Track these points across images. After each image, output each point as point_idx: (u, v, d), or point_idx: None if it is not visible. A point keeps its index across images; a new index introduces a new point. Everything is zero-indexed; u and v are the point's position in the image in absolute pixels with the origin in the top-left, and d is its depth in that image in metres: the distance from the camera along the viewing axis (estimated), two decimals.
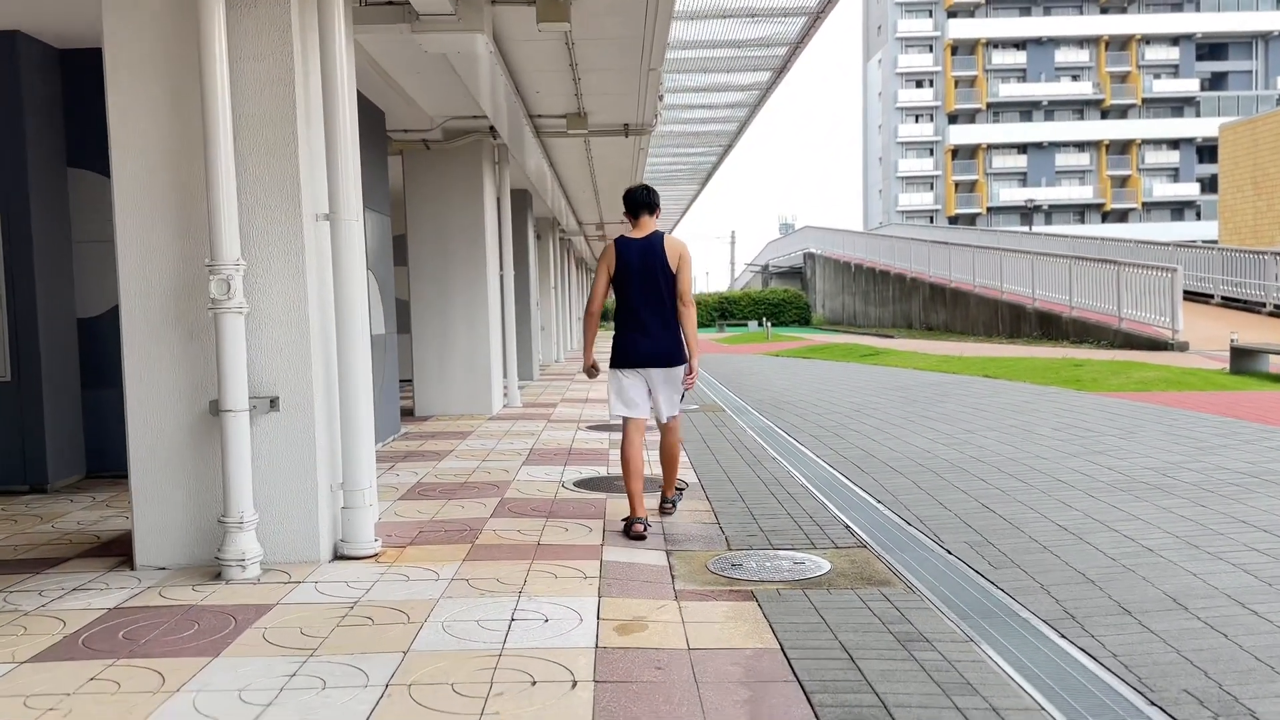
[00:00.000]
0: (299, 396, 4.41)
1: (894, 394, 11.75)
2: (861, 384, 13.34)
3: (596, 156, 12.16)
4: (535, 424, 9.52)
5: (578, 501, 5.72)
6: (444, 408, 10.36)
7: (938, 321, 30.02)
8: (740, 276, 74.61)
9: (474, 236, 10.29)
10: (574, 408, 11.03)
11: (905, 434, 8.40)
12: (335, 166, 4.44)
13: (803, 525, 5.15)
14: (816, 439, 8.30)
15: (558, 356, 20.64)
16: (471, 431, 9.00)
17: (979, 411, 9.71)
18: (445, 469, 6.94)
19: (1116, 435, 7.86)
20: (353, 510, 4.51)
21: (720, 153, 16.14)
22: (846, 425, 9.12)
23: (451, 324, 10.31)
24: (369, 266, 7.85)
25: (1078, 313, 21.36)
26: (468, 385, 10.35)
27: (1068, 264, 22.02)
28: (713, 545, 4.75)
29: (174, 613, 3.73)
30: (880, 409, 10.32)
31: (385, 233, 8.53)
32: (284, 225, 4.38)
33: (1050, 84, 75.02)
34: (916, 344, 23.47)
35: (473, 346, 10.34)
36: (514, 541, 4.75)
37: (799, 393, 12.47)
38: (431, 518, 5.33)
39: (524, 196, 15.01)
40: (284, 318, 4.40)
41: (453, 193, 10.26)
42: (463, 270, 10.29)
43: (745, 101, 12.07)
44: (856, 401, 11.14)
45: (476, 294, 10.30)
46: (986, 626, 3.52)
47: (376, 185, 8.24)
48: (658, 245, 5.01)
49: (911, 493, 5.95)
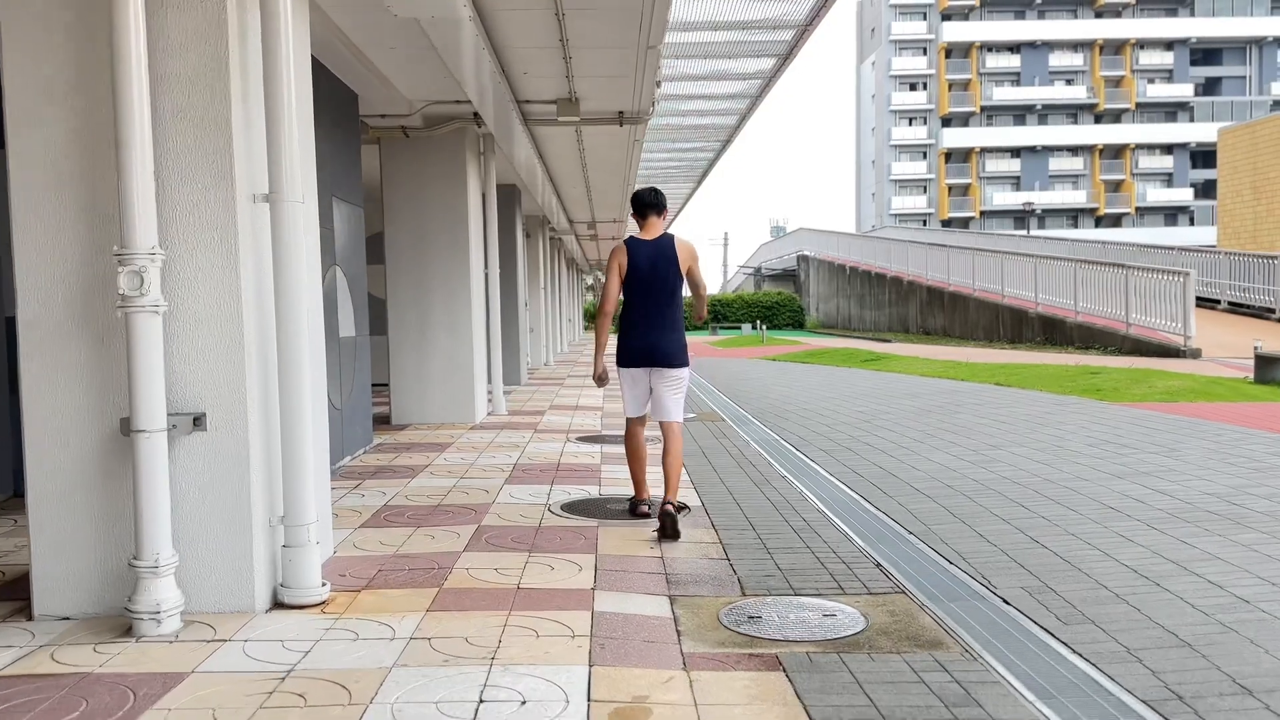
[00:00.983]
0: (230, 413, 3.67)
1: (903, 403, 11.06)
2: (867, 391, 12.64)
3: (589, 148, 11.44)
4: (521, 434, 8.79)
5: (566, 530, 5.00)
6: (423, 415, 9.61)
7: (935, 325, 29.38)
8: (732, 279, 73.97)
9: (457, 232, 9.55)
10: (563, 416, 10.30)
11: (924, 449, 7.70)
12: (277, 137, 3.71)
13: (826, 562, 4.43)
14: (827, 454, 7.60)
15: (547, 360, 19.90)
16: (451, 443, 8.26)
17: (1000, 424, 9.01)
18: (418, 488, 6.20)
19: (1158, 452, 7.17)
20: (296, 550, 3.77)
21: (718, 148, 15.44)
22: (858, 438, 8.42)
23: (431, 325, 9.57)
24: (337, 262, 7.11)
25: (1083, 318, 20.74)
26: (448, 391, 9.61)
27: (1073, 267, 21.40)
28: (724, 589, 4.04)
29: (61, 684, 2.99)
30: (891, 420, 9.62)
31: (357, 226, 7.79)
32: (214, 207, 3.64)
33: (1044, 88, 74.62)
34: (917, 349, 22.81)
35: (454, 350, 9.60)
36: (489, 584, 4.02)
37: (801, 401, 11.77)
38: (396, 550, 4.60)
39: (512, 192, 14.28)
40: (212, 318, 3.66)
41: (434, 184, 9.52)
42: (444, 268, 9.56)
43: (746, 92, 11.36)
44: (865, 411, 10.44)
45: (458, 293, 9.56)
46: (1076, 711, 2.81)
47: (348, 173, 7.51)
48: (668, 247, 5.08)
49: (945, 521, 5.24)
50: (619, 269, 5.05)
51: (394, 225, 9.53)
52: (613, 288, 5.09)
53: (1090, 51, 74.19)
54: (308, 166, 4.25)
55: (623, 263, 5.04)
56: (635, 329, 5.07)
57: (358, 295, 7.65)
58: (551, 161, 12.42)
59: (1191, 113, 75.07)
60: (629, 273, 5.04)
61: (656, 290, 5.02)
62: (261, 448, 3.76)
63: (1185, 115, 75.14)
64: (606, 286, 5.12)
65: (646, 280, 5.02)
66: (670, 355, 5.04)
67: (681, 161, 17.33)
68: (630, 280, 5.05)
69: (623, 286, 5.09)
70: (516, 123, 9.26)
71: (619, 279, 5.07)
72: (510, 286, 14.09)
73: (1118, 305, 19.48)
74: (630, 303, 5.11)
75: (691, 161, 17.29)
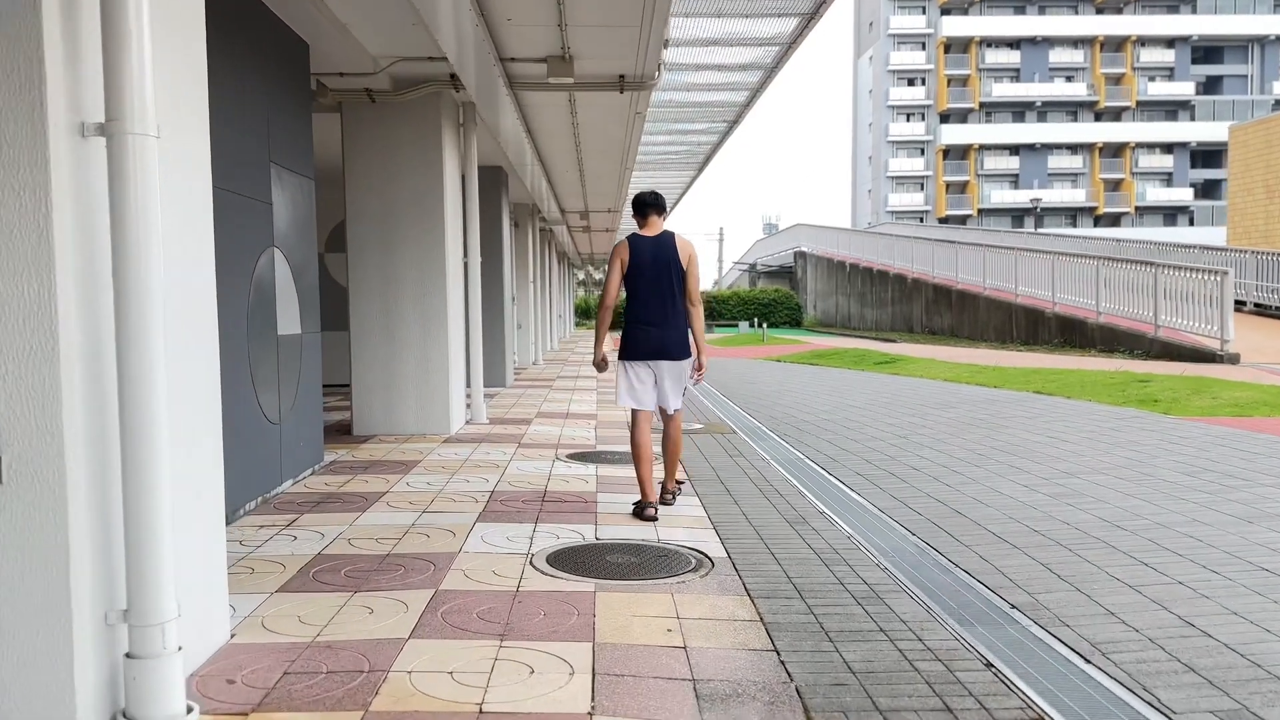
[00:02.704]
0: (37, 453, 2.40)
1: (937, 414, 9.82)
2: (891, 398, 11.40)
3: (584, 124, 10.16)
4: (502, 450, 7.52)
5: (552, 598, 3.73)
6: (390, 425, 8.32)
7: (942, 325, 28.17)
8: (727, 275, 72.76)
9: (430, 213, 8.26)
10: (552, 425, 9.03)
11: (982, 474, 6.46)
12: (117, 41, 2.43)
13: (914, 658, 3.18)
14: (867, 480, 6.35)
15: (535, 358, 18.62)
16: (419, 461, 6.98)
17: (1061, 442, 7.78)
18: (368, 527, 4.93)
19: (1276, 485, 5.94)
20: (145, 662, 2.50)
21: (723, 131, 14.16)
22: (898, 459, 7.18)
23: (400, 321, 8.29)
24: (276, 243, 5.82)
25: (1105, 319, 19.53)
26: (420, 397, 8.33)
27: (1095, 265, 20.17)
28: (779, 710, 2.78)
29: None
30: (931, 434, 8.38)
31: (306, 200, 6.51)
32: (13, 145, 2.36)
33: (1044, 84, 73.58)
34: (928, 349, 21.59)
35: (427, 349, 8.32)
36: (438, 704, 2.75)
37: (820, 409, 10.52)
38: (317, 635, 3.33)
39: (498, 175, 12.99)
40: (7, 315, 2.39)
41: (405, 157, 8.23)
42: (416, 254, 8.27)
43: (760, 62, 10.10)
44: (896, 423, 9.19)
45: (432, 285, 8.28)
46: None
47: (293, 137, 6.22)
48: (669, 243, 5.21)
49: (1053, 587, 3.99)
50: (621, 265, 5.18)
51: (358, 205, 8.24)
52: (613, 283, 5.23)
53: (1091, 48, 73.18)
54: (183, 87, 2.97)
55: (625, 258, 5.17)
56: (641, 323, 5.18)
57: (305, 284, 6.36)
58: (542, 139, 11.12)
59: (1192, 111, 74.18)
60: (632, 268, 5.16)
61: (660, 284, 5.15)
62: (91, 506, 2.48)
63: (1186, 114, 74.26)
64: (608, 281, 5.24)
65: (650, 275, 5.15)
66: (675, 348, 5.19)
67: (682, 147, 16.05)
68: (633, 275, 5.17)
69: (624, 282, 5.22)
70: (501, 87, 7.98)
71: (620, 274, 5.20)
72: (494, 279, 12.81)
73: (1145, 306, 18.27)
74: (634, 298, 5.21)
75: (693, 146, 16.01)
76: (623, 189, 16.39)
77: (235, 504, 5.08)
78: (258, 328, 5.45)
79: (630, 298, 5.22)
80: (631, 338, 5.17)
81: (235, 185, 5.14)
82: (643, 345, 5.14)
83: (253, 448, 5.36)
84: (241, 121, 5.28)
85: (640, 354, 5.15)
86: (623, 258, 5.15)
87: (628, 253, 5.15)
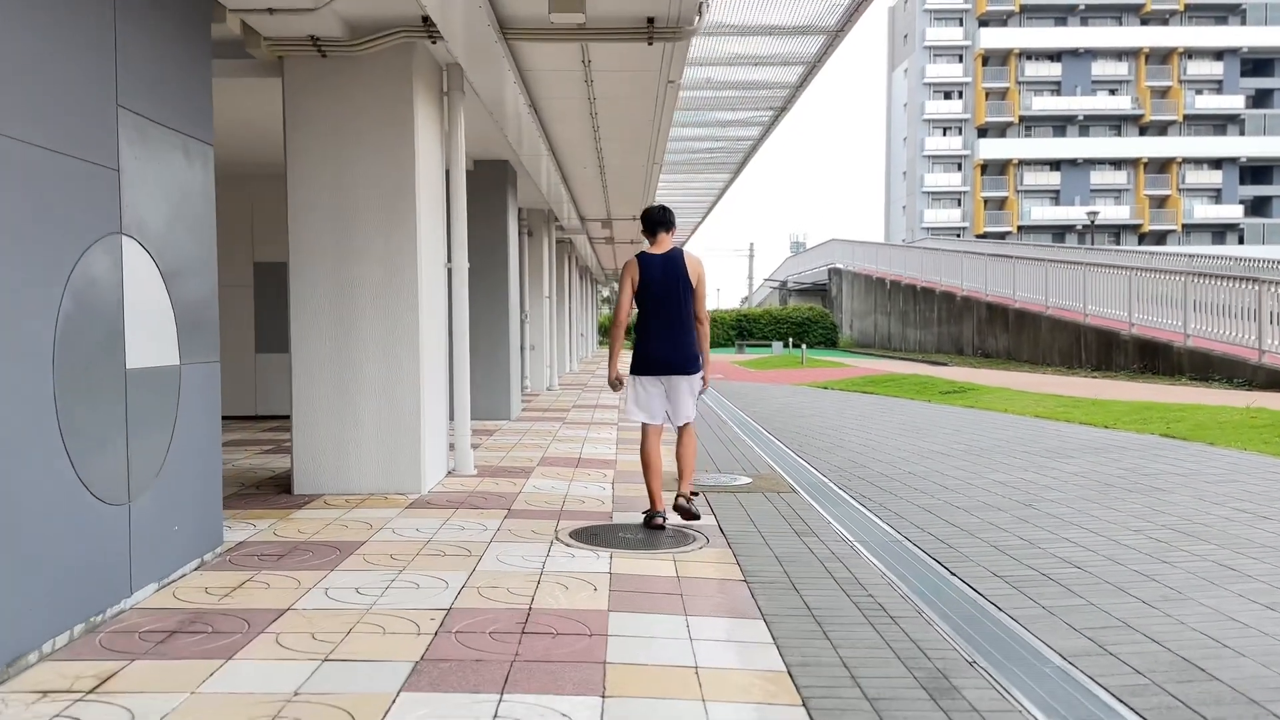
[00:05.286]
0: None
1: (1055, 466, 7.68)
2: (980, 440, 9.25)
3: (603, 97, 8.16)
4: (483, 522, 5.49)
5: None
6: (342, 481, 6.32)
7: (997, 348, 25.90)
8: (757, 292, 70.62)
9: (400, 204, 6.28)
10: (557, 479, 6.99)
11: (1190, 582, 4.33)
12: None
13: None
14: (1014, 588, 4.25)
15: (550, 382, 16.60)
16: (362, 543, 4.96)
17: (1261, 519, 5.63)
18: (217, 699, 2.90)
19: None
20: None
21: (768, 120, 12.15)
22: (1039, 543, 5.07)
23: (358, 343, 6.30)
24: (125, 229, 3.83)
25: (1195, 342, 17.27)
26: (383, 444, 6.32)
27: (1181, 281, 17.92)
28: None
29: None
30: (1063, 499, 6.25)
31: (193, 172, 4.52)
32: None
33: (1086, 98, 71.11)
34: (993, 375, 19.34)
35: (393, 381, 6.32)
36: None
37: (896, 455, 8.41)
38: None
39: (503, 171, 11.03)
40: None
41: (366, 132, 6.27)
42: (380, 257, 6.29)
43: (820, 22, 8.11)
44: (1007, 479, 7.06)
45: (400, 297, 6.29)
46: None
47: (164, 76, 4.26)
48: (678, 260, 5.32)
49: None
50: (632, 282, 5.31)
51: (304, 194, 6.28)
52: (626, 299, 5.36)
53: (1135, 60, 70.67)
54: None
55: (635, 276, 5.30)
56: (650, 339, 5.30)
57: (188, 292, 4.36)
58: (552, 122, 9.14)
59: (1242, 125, 71.48)
60: (641, 285, 5.28)
61: (669, 300, 5.26)
62: None
63: (1235, 128, 71.57)
64: (620, 298, 5.39)
65: (659, 291, 5.26)
66: (684, 364, 5.28)
67: (718, 143, 14.05)
68: (643, 292, 5.29)
69: (635, 299, 5.33)
70: (491, 35, 6.01)
71: (631, 291, 5.33)
72: (497, 293, 10.83)
73: (1244, 329, 16.02)
74: (644, 313, 5.33)
75: (730, 143, 14.01)
76: (649, 190, 14.40)
77: (22, 643, 3.09)
78: (80, 359, 3.46)
79: (641, 313, 5.37)
80: (642, 353, 5.32)
81: (25, 130, 3.17)
82: (653, 361, 5.29)
83: (62, 544, 3.37)
84: (48, 32, 3.32)
85: (650, 369, 5.30)
86: (633, 275, 5.31)
87: (638, 270, 5.30)
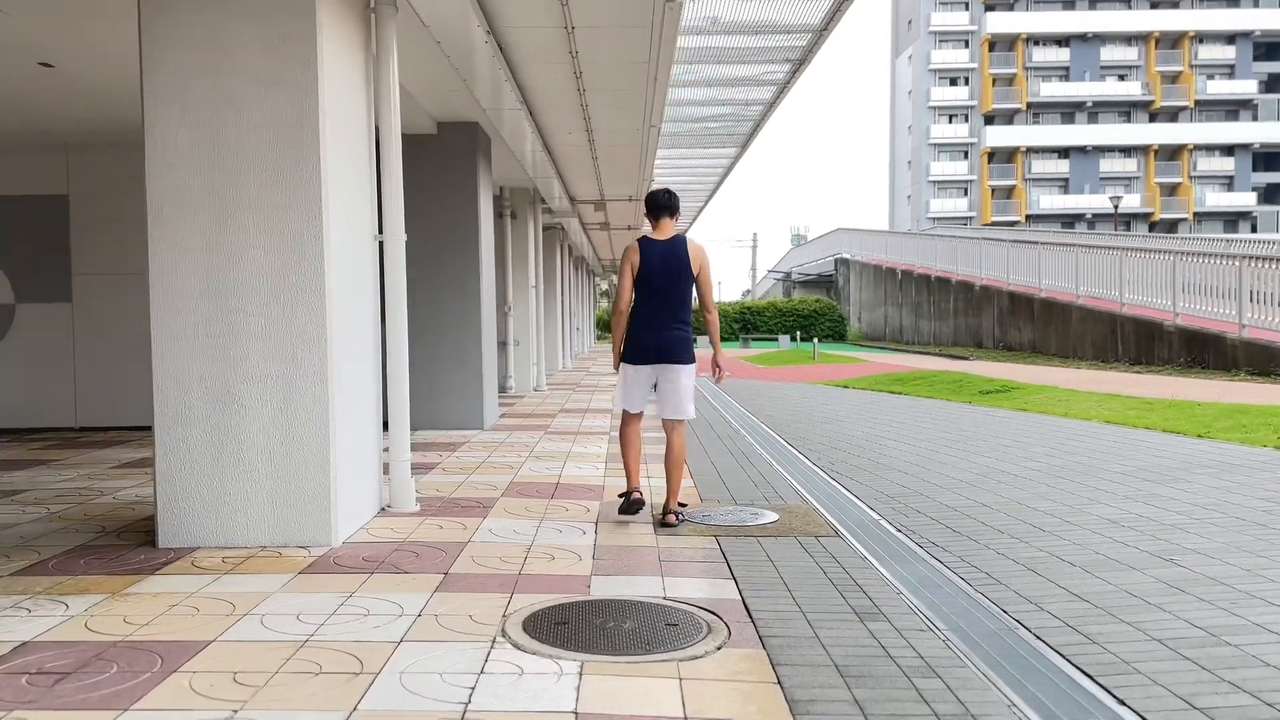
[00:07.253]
0: None
1: (1166, 494, 5.97)
2: (1061, 460, 7.53)
3: (583, 25, 6.41)
4: (400, 601, 3.77)
5: None
6: (223, 531, 4.60)
7: (1021, 340, 24.19)
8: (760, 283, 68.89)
9: (294, 149, 4.56)
10: (524, 518, 5.27)
11: None
12: None
13: None
14: None
15: (538, 382, 14.88)
16: (207, 644, 3.26)
17: None
18: None
19: None
20: None
21: (783, 79, 10.43)
22: (1242, 644, 3.37)
23: (239, 339, 4.59)
24: None
25: (1251, 333, 15.58)
26: (278, 479, 4.61)
27: (1236, 266, 16.21)
28: None
29: None
30: (1223, 555, 4.54)
31: None
32: None
33: (1095, 83, 69.31)
34: (1027, 371, 17.60)
35: (289, 390, 4.61)
36: None
37: (958, 477, 6.69)
38: None
39: (472, 134, 9.31)
40: None
41: (245, 49, 4.55)
42: (268, 216, 4.58)
43: None
44: (1116, 515, 5.35)
45: (300, 277, 4.58)
46: None
47: None
48: (680, 248, 5.16)
49: None
50: (631, 268, 5.14)
51: (161, 134, 4.56)
52: (626, 285, 5.18)
53: (1145, 45, 68.86)
54: None
55: (635, 261, 5.13)
56: (644, 326, 5.15)
57: None
58: (522, 60, 7.38)
59: (1255, 111, 69.71)
60: (640, 271, 5.12)
61: (668, 289, 5.10)
62: None
63: (1248, 114, 69.81)
64: (620, 285, 5.21)
65: (658, 279, 5.10)
66: (677, 352, 5.12)
67: (725, 108, 12.32)
68: (642, 279, 5.13)
69: (635, 284, 5.16)
70: None
71: (632, 277, 5.16)
72: (467, 279, 9.12)
73: None
74: (641, 300, 5.17)
75: (739, 107, 12.28)
76: (646, 166, 12.66)
77: None
78: None
79: (638, 300, 5.18)
80: (634, 341, 5.18)
81: None
82: (644, 349, 5.14)
83: None
84: None
85: (642, 358, 5.16)
86: (633, 260, 5.14)
87: (638, 255, 5.13)
